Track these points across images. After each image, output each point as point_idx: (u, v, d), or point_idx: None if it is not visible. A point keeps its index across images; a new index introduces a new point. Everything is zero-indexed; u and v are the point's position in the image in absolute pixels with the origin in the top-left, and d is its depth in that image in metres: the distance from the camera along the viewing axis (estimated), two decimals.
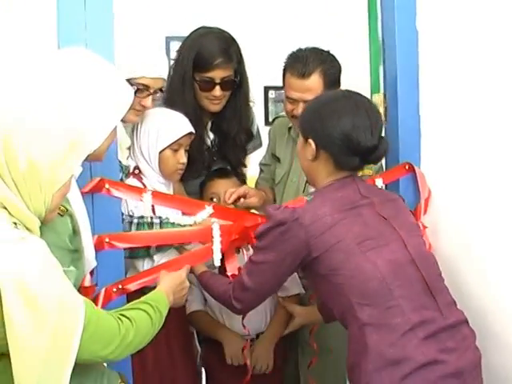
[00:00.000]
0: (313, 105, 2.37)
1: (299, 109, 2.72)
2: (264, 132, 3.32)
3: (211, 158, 3.13)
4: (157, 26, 4.60)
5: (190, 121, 2.80)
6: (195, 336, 3.06)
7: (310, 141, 2.26)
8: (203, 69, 2.92)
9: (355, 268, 2.11)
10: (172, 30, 3.03)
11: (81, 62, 1.85)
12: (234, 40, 3.00)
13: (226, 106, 3.06)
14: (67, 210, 1.83)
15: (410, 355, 2.02)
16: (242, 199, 2.84)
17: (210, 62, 2.90)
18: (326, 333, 2.84)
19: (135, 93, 2.58)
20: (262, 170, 3.23)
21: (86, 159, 1.82)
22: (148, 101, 2.65)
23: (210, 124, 3.14)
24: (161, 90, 2.72)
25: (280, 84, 2.88)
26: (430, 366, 2.02)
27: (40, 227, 1.70)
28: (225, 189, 2.90)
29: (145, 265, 2.61)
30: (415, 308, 2.09)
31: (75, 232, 1.91)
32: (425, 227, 2.57)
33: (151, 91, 2.65)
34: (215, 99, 2.97)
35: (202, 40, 2.97)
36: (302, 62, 2.71)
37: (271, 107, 5.99)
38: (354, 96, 2.31)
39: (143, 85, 2.62)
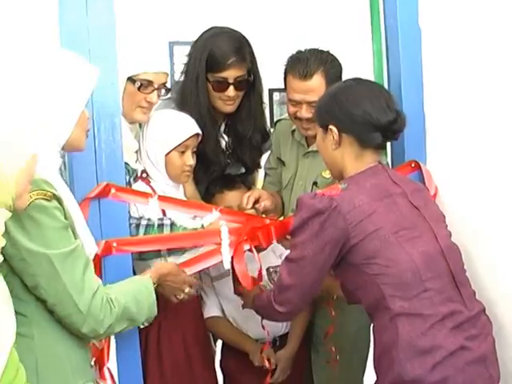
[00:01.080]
0: (326, 95, 2.40)
1: (302, 111, 2.72)
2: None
3: (225, 160, 3.10)
4: (160, 31, 4.61)
5: (205, 123, 2.81)
6: (211, 338, 3.04)
7: (331, 127, 2.28)
8: (216, 69, 2.89)
9: (391, 258, 2.13)
10: (175, 35, 3.02)
11: (37, 51, 1.93)
12: (246, 40, 2.98)
13: (240, 107, 3.03)
14: (53, 194, 1.82)
15: (441, 344, 2.07)
16: (257, 204, 2.81)
17: (224, 61, 2.88)
18: (335, 333, 2.84)
19: (139, 89, 2.62)
20: (268, 174, 3.19)
21: (64, 149, 1.96)
22: (153, 96, 2.65)
23: (223, 126, 3.12)
24: (165, 85, 2.71)
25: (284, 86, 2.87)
26: (457, 353, 2.07)
27: (34, 215, 1.77)
28: (236, 201, 2.87)
29: None
30: (443, 300, 2.13)
31: (66, 217, 1.90)
32: None
33: (155, 86, 2.64)
34: (229, 100, 2.94)
35: (214, 40, 2.94)
36: (302, 63, 2.70)
37: (276, 109, 6.01)
38: (364, 80, 2.38)
39: (146, 80, 2.62)
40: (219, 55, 2.88)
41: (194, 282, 2.32)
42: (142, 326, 2.29)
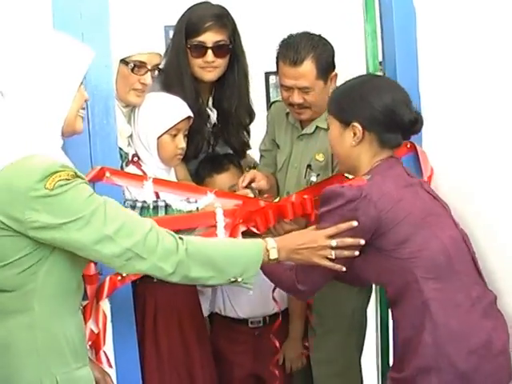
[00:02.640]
0: (347, 89, 2.35)
1: (294, 96, 2.72)
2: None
3: (214, 137, 3.08)
4: (155, 15, 4.59)
5: (186, 94, 2.79)
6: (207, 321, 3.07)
7: (356, 124, 2.25)
8: (194, 33, 2.87)
9: (423, 242, 2.14)
10: (171, 20, 3.01)
11: (30, 32, 1.93)
12: (227, 10, 2.95)
13: (223, 81, 3.00)
14: (75, 173, 1.86)
15: (474, 330, 2.09)
16: (253, 183, 2.82)
17: (201, 24, 2.86)
18: (331, 313, 2.87)
19: (132, 70, 2.60)
20: (263, 156, 3.17)
21: (64, 134, 1.96)
22: (147, 78, 2.63)
23: (210, 102, 3.08)
24: (158, 67, 2.69)
25: None
26: (487, 342, 2.09)
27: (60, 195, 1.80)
28: (226, 184, 2.89)
29: None
30: (472, 284, 2.17)
31: None
32: None
33: (149, 67, 2.62)
34: (208, 66, 2.91)
35: (193, 7, 2.94)
36: (293, 49, 2.68)
37: (273, 92, 5.99)
38: (380, 76, 2.42)
39: (140, 61, 2.60)
40: (196, 19, 2.88)
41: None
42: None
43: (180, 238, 1.93)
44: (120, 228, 1.84)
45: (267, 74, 5.75)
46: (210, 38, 2.87)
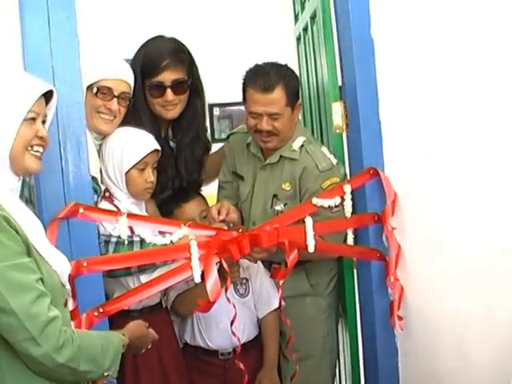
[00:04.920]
0: None
1: (263, 123, 2.75)
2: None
3: (173, 169, 3.03)
4: (112, 48, 4.61)
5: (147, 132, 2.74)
6: None
7: None
8: (152, 73, 2.84)
9: None
10: (127, 52, 3.00)
11: None
12: (183, 44, 2.93)
13: (183, 115, 2.97)
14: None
15: None
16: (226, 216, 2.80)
17: (157, 64, 2.82)
18: (303, 339, 2.88)
19: (96, 94, 2.59)
20: (222, 188, 3.16)
21: (17, 172, 1.87)
22: (113, 104, 2.61)
23: (170, 135, 3.05)
24: (127, 94, 2.67)
25: (224, 101, 2.88)
26: None
27: None
28: (195, 211, 2.89)
29: (135, 282, 2.57)
30: None
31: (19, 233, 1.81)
32: (393, 229, 2.63)
33: (115, 94, 2.61)
34: (168, 104, 2.88)
35: (148, 44, 2.91)
36: (263, 76, 2.72)
37: (216, 124, 6.04)
38: None
39: (105, 87, 2.60)
40: (152, 58, 2.84)
41: (156, 337, 2.25)
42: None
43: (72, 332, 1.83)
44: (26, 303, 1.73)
45: (211, 106, 5.80)
46: (167, 76, 2.85)
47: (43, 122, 1.94)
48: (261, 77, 2.73)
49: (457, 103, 2.24)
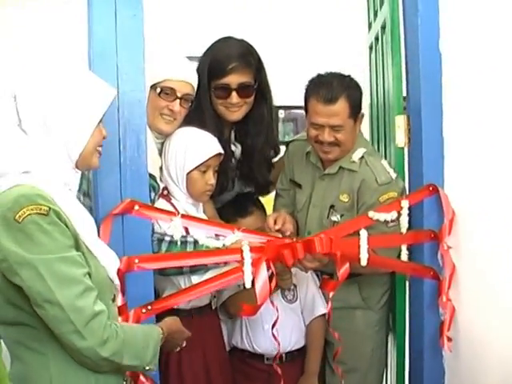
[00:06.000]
0: None
1: (325, 134, 2.72)
2: None
3: (240, 173, 3.06)
4: (177, 46, 4.65)
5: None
6: None
7: None
8: (218, 75, 2.84)
9: None
10: (193, 51, 3.02)
11: (60, 68, 1.93)
12: (252, 47, 2.92)
13: (249, 118, 2.98)
14: (49, 208, 1.78)
15: None
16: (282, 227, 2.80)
17: (225, 66, 2.83)
18: (351, 352, 2.86)
19: (159, 95, 2.62)
20: (280, 195, 3.14)
21: (78, 167, 1.95)
22: (175, 105, 2.63)
23: (233, 137, 3.06)
24: (190, 96, 2.69)
25: (289, 103, 2.87)
26: None
27: (27, 230, 1.74)
28: (251, 227, 2.82)
29: (186, 282, 2.58)
30: None
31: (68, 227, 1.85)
32: (449, 247, 2.59)
33: (178, 95, 2.63)
34: (233, 106, 2.89)
35: (216, 45, 2.91)
36: (326, 87, 2.70)
37: (281, 127, 6.03)
38: None
39: (168, 88, 2.62)
40: (220, 60, 2.84)
41: (189, 334, 2.27)
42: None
43: (116, 326, 1.87)
44: (72, 296, 1.77)
45: (276, 108, 5.77)
46: (234, 79, 2.85)
47: None
48: (324, 87, 2.70)
49: None
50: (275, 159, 3.22)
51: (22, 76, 1.90)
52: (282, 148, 3.27)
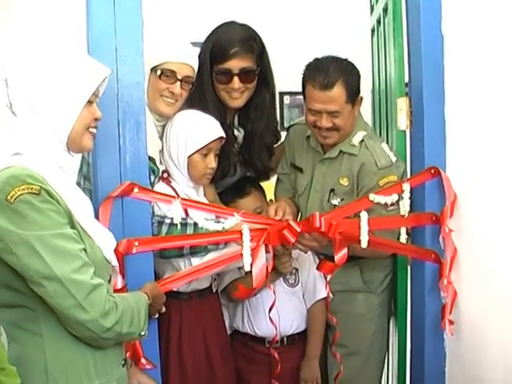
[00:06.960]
0: None
1: (323, 120, 2.71)
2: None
3: (243, 158, 3.05)
4: (180, 31, 4.63)
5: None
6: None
7: None
8: (220, 59, 2.83)
9: None
10: (196, 36, 3.00)
11: (48, 49, 1.92)
12: (255, 32, 2.90)
13: (251, 103, 2.96)
14: (41, 187, 1.79)
15: None
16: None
17: (226, 50, 2.81)
18: (352, 335, 2.87)
19: (160, 77, 2.61)
20: (280, 180, 3.14)
21: (71, 149, 1.95)
22: (175, 87, 2.62)
23: (236, 122, 3.05)
24: (190, 78, 2.68)
25: (295, 89, 2.85)
26: None
27: (19, 209, 1.75)
28: (250, 207, 2.87)
29: (186, 265, 2.57)
30: None
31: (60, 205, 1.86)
32: (451, 231, 2.57)
33: (179, 77, 2.63)
34: (234, 92, 2.87)
35: (219, 30, 2.89)
36: (322, 73, 2.67)
37: (286, 113, 6.02)
38: None
39: (169, 70, 2.61)
40: (222, 44, 2.83)
41: (164, 299, 2.31)
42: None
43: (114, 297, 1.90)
44: (70, 271, 1.78)
45: (281, 94, 5.77)
46: (235, 64, 2.83)
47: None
48: (320, 73, 2.67)
49: None
50: (276, 145, 3.21)
51: (12, 59, 1.90)
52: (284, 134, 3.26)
